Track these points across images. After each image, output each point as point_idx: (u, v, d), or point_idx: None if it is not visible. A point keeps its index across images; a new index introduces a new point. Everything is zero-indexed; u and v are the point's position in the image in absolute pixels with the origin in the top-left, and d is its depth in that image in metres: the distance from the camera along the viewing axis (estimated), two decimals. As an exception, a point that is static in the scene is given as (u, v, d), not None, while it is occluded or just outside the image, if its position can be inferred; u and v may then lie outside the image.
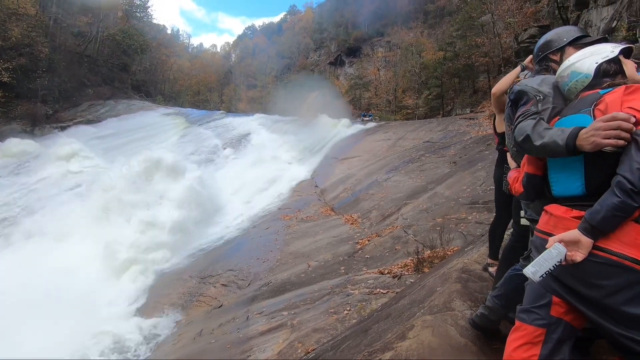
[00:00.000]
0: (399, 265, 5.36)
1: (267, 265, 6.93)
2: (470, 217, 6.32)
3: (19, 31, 21.35)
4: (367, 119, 23.40)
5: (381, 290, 4.64)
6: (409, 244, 6.14)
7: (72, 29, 28.11)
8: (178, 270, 7.90)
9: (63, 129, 22.81)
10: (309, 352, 3.05)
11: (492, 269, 1.87)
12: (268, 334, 4.45)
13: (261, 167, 14.50)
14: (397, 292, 4.42)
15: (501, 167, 2.11)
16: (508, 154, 1.60)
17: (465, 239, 5.61)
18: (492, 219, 2.21)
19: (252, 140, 18.78)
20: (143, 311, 6.76)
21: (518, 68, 2.00)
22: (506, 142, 1.66)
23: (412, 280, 4.76)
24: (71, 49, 27.02)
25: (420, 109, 27.32)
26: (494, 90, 2.17)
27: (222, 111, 29.50)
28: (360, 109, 33.58)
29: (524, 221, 1.55)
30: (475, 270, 1.76)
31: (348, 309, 4.38)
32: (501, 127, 2.18)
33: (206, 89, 56.12)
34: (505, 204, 1.99)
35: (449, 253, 5.03)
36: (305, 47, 63.44)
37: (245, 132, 20.41)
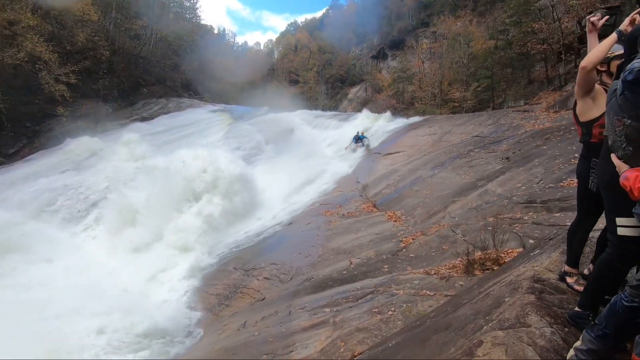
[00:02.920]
0: (447, 266, 5.09)
1: (309, 261, 6.92)
2: (526, 218, 5.84)
3: (84, 36, 23.21)
4: (359, 144, 16.00)
5: (428, 292, 4.42)
6: (458, 243, 5.81)
7: (129, 32, 30.07)
8: (223, 262, 8.16)
9: (121, 126, 24.56)
10: (355, 356, 2.96)
11: (570, 280, 1.62)
12: (310, 330, 4.42)
13: (302, 163, 14.56)
14: (446, 295, 4.19)
15: (588, 161, 1.75)
16: (613, 155, 1.29)
17: (521, 241, 5.19)
18: (551, 220, 1.94)
19: (294, 136, 18.95)
20: (191, 299, 7.07)
21: (613, 36, 1.66)
22: (610, 138, 1.35)
23: (461, 283, 4.49)
24: (128, 51, 28.93)
25: (468, 102, 25.97)
26: (584, 63, 1.77)
27: (265, 107, 30.10)
28: (403, 103, 32.67)
29: (623, 231, 1.27)
30: (550, 280, 1.54)
31: (392, 309, 4.22)
32: (586, 114, 1.83)
33: (250, 86, 57.56)
34: (591, 204, 1.70)
35: (503, 255, 4.68)
36: (347, 42, 62.83)
37: (287, 127, 20.64)
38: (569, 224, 2.00)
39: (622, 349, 0.93)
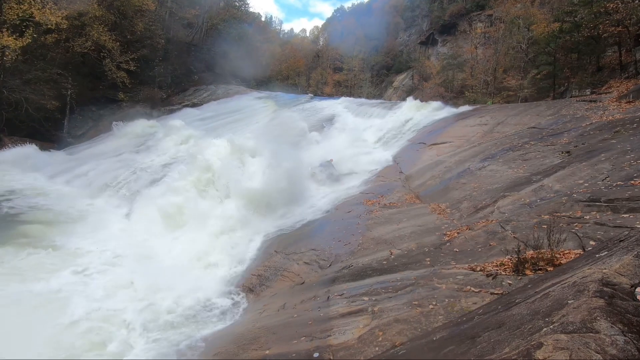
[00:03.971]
0: (494, 264, 4.84)
1: (349, 249, 6.93)
2: (587, 217, 5.38)
3: (142, 25, 24.61)
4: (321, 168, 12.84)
5: (472, 289, 4.24)
6: (507, 240, 5.50)
7: (183, 21, 31.40)
8: (266, 245, 8.42)
9: (173, 111, 25.97)
10: (396, 346, 2.93)
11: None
12: (348, 316, 4.44)
13: (345, 151, 14.49)
14: (492, 293, 4.00)
15: None
16: None
17: (580, 242, 4.80)
18: (618, 221, 1.75)
19: (337, 124, 18.86)
20: (235, 278, 7.41)
21: None
22: None
23: (509, 282, 4.27)
24: (181, 39, 30.28)
25: (525, 91, 24.17)
26: None
27: (309, 94, 30.21)
28: (452, 92, 31.17)
29: None
30: (622, 285, 1.40)
31: (434, 303, 4.12)
32: None
33: (295, 73, 57.93)
34: None
35: (559, 256, 4.36)
36: (395, 27, 60.86)
37: (330, 115, 20.59)
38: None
39: None
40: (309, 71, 61.16)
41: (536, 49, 24.05)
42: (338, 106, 22.42)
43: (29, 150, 16.87)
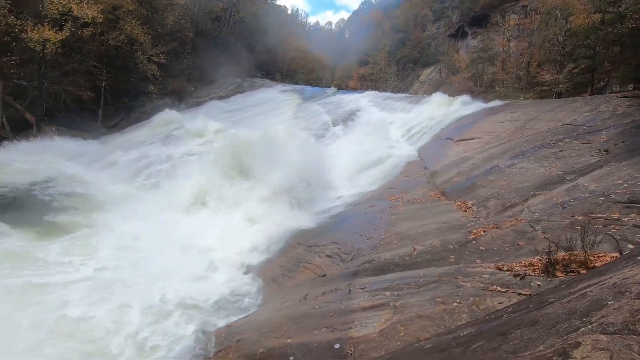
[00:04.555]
0: (522, 264, 4.70)
1: (371, 243, 6.91)
2: (626, 219, 5.11)
3: (173, 19, 25.21)
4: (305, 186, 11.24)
5: (499, 288, 4.14)
6: (537, 241, 5.32)
7: (211, 14, 31.89)
8: (289, 236, 8.52)
9: (200, 103, 26.56)
10: (420, 340, 2.92)
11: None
12: (370, 310, 4.45)
13: (369, 145, 14.36)
14: (520, 294, 3.90)
15: None
16: None
17: (617, 244, 4.58)
18: None
19: (362, 118, 18.72)
20: (258, 268, 7.56)
21: None
22: None
23: (538, 283, 4.14)
24: (209, 32, 30.81)
25: (560, 86, 23.05)
26: None
27: (333, 88, 30.07)
28: (481, 86, 30.17)
29: None
30: (667, 288, 1.33)
31: (458, 301, 4.06)
32: None
33: (319, 66, 57.79)
34: None
35: (593, 258, 4.19)
36: (423, 19, 59.38)
37: (354, 109, 20.44)
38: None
39: None
40: (334, 65, 60.83)
41: (574, 42, 22.83)
42: (362, 100, 22.22)
43: (67, 139, 17.77)
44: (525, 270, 4.43)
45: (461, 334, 1.78)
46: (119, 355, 4.99)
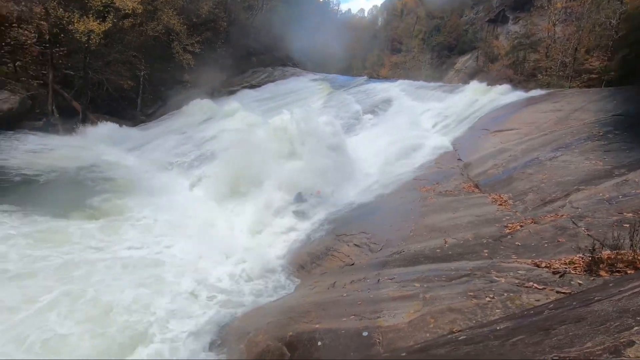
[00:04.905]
0: (562, 261, 4.49)
1: (400, 234, 6.84)
2: (682, 218, 4.72)
3: (207, 9, 25.63)
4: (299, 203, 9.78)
5: (535, 285, 3.99)
6: (579, 238, 5.05)
7: (244, 3, 32.12)
8: (317, 225, 8.61)
9: (233, 92, 27.04)
10: (453, 332, 2.88)
11: None
12: (398, 300, 4.43)
13: (400, 135, 14.07)
14: (558, 292, 3.73)
15: None
16: None
17: (670, 245, 4.25)
18: None
19: (393, 107, 18.34)
20: (287, 254, 7.72)
21: None
22: None
23: (580, 282, 3.95)
24: (242, 22, 31.07)
25: (612, 74, 21.37)
26: None
27: (364, 77, 29.59)
28: (522, 74, 28.58)
29: None
30: None
31: (491, 296, 3.95)
32: None
33: (351, 55, 56.97)
34: None
35: (642, 259, 3.92)
36: (460, 5, 56.70)
37: (386, 98, 20.04)
38: None
39: None
40: (365, 53, 59.73)
41: (629, 26, 20.95)
42: (394, 89, 21.72)
43: (110, 126, 18.74)
44: (566, 268, 4.23)
45: (497, 328, 1.73)
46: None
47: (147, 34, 22.39)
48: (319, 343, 3.98)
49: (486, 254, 5.28)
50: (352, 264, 6.27)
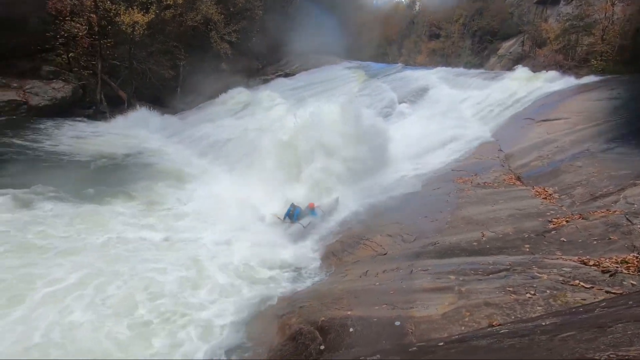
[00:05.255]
0: (614, 260, 4.21)
1: (435, 226, 6.69)
2: None
3: (243, -2, 25.87)
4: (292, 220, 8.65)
5: (582, 284, 3.78)
6: (633, 235, 4.70)
7: (280, -9, 32.05)
8: (349, 214, 8.61)
9: (267, 81, 27.32)
10: (493, 325, 2.81)
11: None
12: (432, 292, 4.37)
13: (437, 124, 13.66)
14: (608, 292, 3.52)
15: None
16: None
17: None
18: None
19: (430, 95, 17.75)
20: (319, 242, 7.81)
21: None
22: None
23: (633, 282, 3.70)
24: (277, 10, 31.07)
25: (679, 58, 19.33)
26: None
27: (400, 64, 28.79)
28: (573, 59, 26.53)
29: None
30: None
31: (532, 292, 3.80)
32: None
33: (386, 42, 55.51)
34: None
35: None
36: (506, -15, 53.21)
37: (423, 86, 19.40)
38: None
39: None
40: (402, 39, 57.88)
41: (703, 3, 18.76)
42: (432, 76, 20.96)
43: (151, 114, 19.68)
44: (617, 267, 3.97)
45: (543, 323, 1.66)
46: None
47: (186, 24, 23.03)
48: (351, 329, 4.02)
49: (527, 249, 5.06)
50: (385, 254, 6.23)
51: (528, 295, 3.75)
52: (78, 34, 17.85)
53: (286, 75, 27.62)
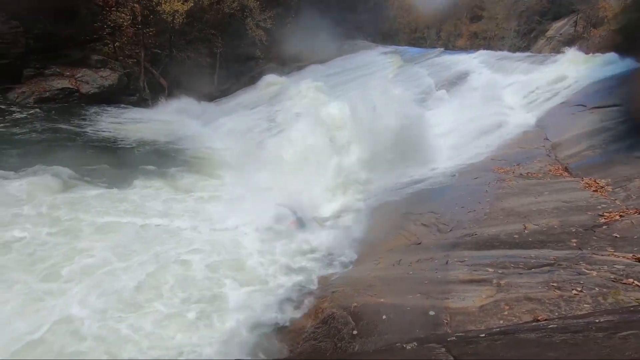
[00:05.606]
0: (675, 259, 3.87)
1: (473, 216, 6.46)
2: None
3: (279, -17, 25.77)
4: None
5: (637, 283, 3.52)
6: (700, 234, 4.29)
7: (315, -23, 31.52)
8: (383, 202, 8.53)
9: (301, 67, 27.25)
10: (539, 320, 2.70)
11: None
12: (468, 284, 4.25)
13: (477, 111, 13.02)
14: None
15: None
16: None
17: None
18: None
19: (470, 81, 16.89)
20: (351, 230, 7.82)
21: None
22: None
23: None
24: (311, -5, 30.67)
25: None
26: None
27: (438, 48, 27.64)
28: (635, 41, 24.12)
29: None
30: None
31: (579, 289, 3.59)
32: None
33: (424, 25, 53.39)
34: None
35: None
36: (559, -40, 49.09)
37: (463, 71, 18.54)
38: None
39: None
40: (440, 23, 55.34)
41: None
42: (473, 61, 19.95)
43: (190, 101, 20.37)
44: (678, 267, 3.65)
45: (596, 321, 1.56)
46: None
47: (223, 11, 23.37)
48: (384, 316, 4.02)
49: (574, 244, 4.77)
50: (419, 243, 6.13)
51: (574, 292, 3.55)
52: (123, 24, 18.69)
53: (320, 61, 27.42)
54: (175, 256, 6.73)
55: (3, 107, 15.42)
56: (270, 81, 22.76)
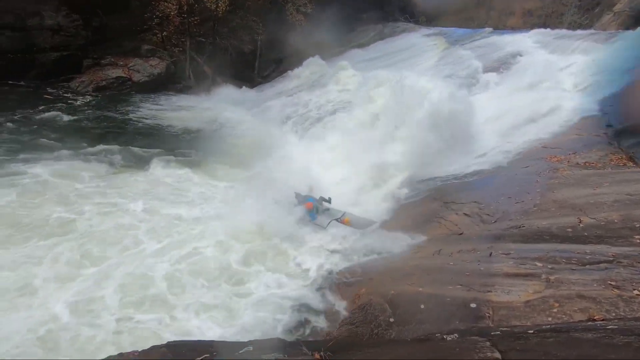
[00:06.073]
0: None
1: (521, 207, 6.12)
2: None
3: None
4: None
5: None
6: None
7: (356, -43, 30.52)
8: (425, 190, 8.31)
9: (341, 52, 26.76)
10: (595, 320, 2.54)
11: None
12: (514, 278, 4.07)
13: (529, 95, 12.10)
14: None
15: None
16: None
17: None
18: None
19: (522, 62, 15.67)
20: (391, 218, 7.74)
21: None
22: None
23: None
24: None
25: None
26: None
27: (488, 29, 25.85)
28: None
29: None
30: None
31: (641, 289, 3.31)
32: None
33: (472, 4, 50.03)
34: None
35: None
36: None
37: (514, 52, 17.23)
38: None
39: None
40: (490, 0, 51.56)
41: None
42: (526, 40, 18.45)
43: (232, 88, 20.90)
44: None
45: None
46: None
47: (265, -3, 23.46)
48: (422, 306, 3.98)
49: (637, 240, 4.38)
50: (461, 234, 5.94)
51: (636, 292, 3.28)
52: (170, 14, 19.40)
53: (360, 46, 26.77)
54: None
55: (67, 95, 16.82)
56: (311, 66, 22.65)
